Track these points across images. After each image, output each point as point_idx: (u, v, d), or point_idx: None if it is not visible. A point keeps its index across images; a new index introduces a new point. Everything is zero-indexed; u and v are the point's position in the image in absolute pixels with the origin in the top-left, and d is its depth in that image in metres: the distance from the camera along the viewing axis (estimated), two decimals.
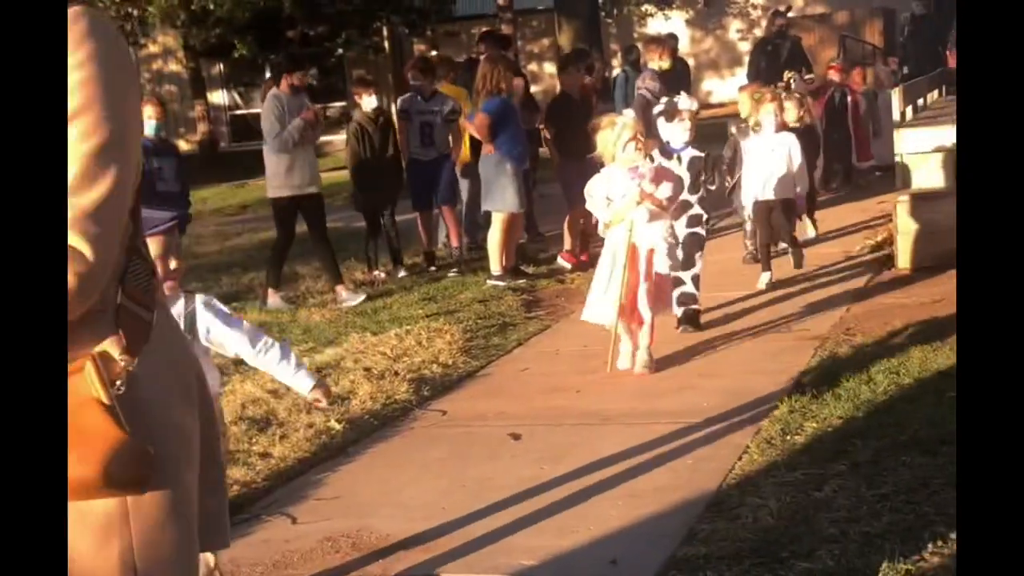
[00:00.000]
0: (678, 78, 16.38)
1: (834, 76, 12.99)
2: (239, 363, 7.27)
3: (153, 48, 28.96)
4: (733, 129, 9.46)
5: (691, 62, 28.03)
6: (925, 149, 8.53)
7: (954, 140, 8.21)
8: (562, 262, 9.80)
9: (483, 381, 6.63)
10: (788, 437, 5.12)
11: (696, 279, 7.17)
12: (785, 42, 13.94)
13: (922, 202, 8.32)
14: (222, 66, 28.79)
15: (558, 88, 9.29)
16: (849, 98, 12.71)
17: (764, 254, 8.36)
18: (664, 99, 7.19)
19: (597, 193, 6.46)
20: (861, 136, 12.87)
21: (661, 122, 7.16)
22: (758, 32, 27.09)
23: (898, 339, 6.48)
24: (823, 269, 8.72)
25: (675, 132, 7.06)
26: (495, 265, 9.14)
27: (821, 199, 11.22)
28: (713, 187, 7.53)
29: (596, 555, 4.15)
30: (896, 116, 8.56)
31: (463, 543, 4.34)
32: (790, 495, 4.45)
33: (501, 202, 9.07)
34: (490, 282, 9.09)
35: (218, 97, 30.04)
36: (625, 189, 6.29)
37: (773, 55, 13.58)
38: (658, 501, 4.60)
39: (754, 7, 28.17)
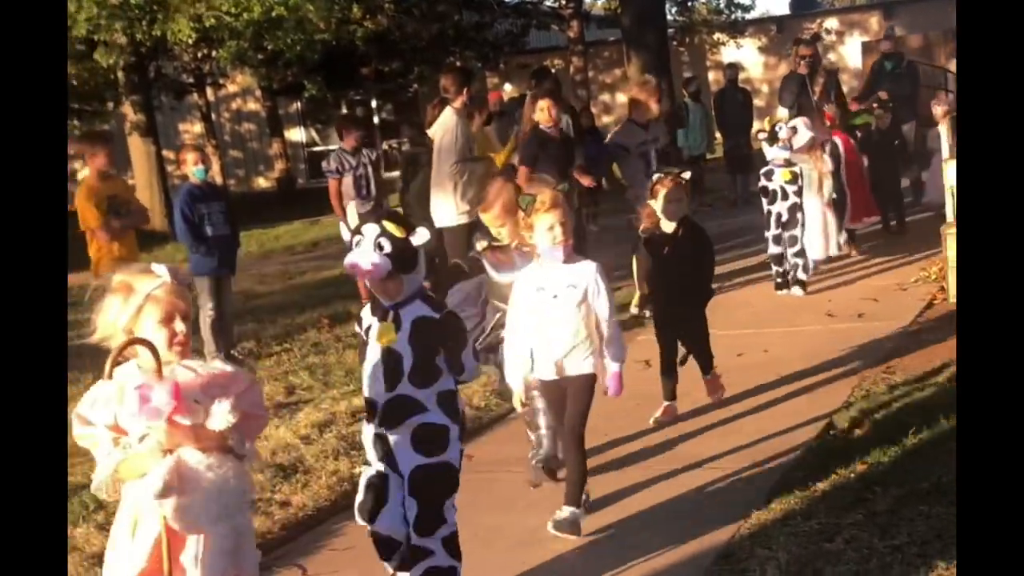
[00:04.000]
0: (739, 110, 16.22)
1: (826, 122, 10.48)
2: (279, 407, 7.38)
3: (232, 88, 29.61)
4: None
5: (765, 88, 27.90)
6: None
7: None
8: None
9: (513, 424, 6.59)
10: (810, 483, 5.00)
11: (451, 543, 4.04)
12: (817, 75, 11.90)
13: None
14: (299, 104, 29.34)
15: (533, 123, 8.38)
16: (842, 149, 10.44)
17: (550, 467, 5.12)
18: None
19: (98, 415, 3.25)
20: (858, 191, 10.69)
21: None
22: (833, 56, 26.81)
23: (938, 378, 6.30)
24: (870, 301, 8.54)
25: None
26: None
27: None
28: (475, 368, 4.08)
29: None
30: (945, 148, 8.27)
31: None
32: (801, 546, 4.36)
33: None
34: None
35: (295, 134, 30.59)
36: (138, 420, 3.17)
37: (804, 89, 11.64)
38: (669, 552, 4.52)
39: (827, 31, 27.82)
